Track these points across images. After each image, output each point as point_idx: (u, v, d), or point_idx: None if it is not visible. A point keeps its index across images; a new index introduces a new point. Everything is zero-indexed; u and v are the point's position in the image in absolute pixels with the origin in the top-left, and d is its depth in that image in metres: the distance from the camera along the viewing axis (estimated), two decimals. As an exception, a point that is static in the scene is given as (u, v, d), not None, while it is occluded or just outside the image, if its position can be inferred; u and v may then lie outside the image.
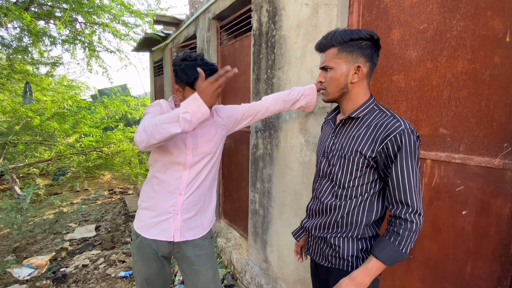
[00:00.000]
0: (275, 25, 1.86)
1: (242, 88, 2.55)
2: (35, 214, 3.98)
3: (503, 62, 0.97)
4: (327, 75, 0.97)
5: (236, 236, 2.78)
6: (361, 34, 0.91)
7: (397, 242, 0.85)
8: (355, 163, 0.92)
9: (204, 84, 0.99)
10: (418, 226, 0.84)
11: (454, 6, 1.07)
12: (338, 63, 0.94)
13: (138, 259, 1.34)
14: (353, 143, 0.94)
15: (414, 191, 0.85)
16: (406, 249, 0.84)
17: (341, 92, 0.97)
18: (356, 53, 0.92)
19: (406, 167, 0.84)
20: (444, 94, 1.12)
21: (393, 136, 0.85)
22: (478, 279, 1.07)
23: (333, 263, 1.00)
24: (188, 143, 1.27)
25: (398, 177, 0.85)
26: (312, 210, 1.09)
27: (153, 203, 1.30)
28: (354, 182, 0.94)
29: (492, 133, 1.01)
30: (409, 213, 0.85)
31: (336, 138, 1.01)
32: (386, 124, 0.88)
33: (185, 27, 3.57)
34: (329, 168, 1.01)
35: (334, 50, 0.94)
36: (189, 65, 1.18)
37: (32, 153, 5.58)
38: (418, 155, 0.87)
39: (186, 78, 1.18)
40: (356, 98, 0.97)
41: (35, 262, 2.90)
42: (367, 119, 0.94)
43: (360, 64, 0.92)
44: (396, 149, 0.85)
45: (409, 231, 0.84)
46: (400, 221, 0.86)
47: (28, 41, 4.42)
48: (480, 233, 1.06)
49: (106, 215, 4.53)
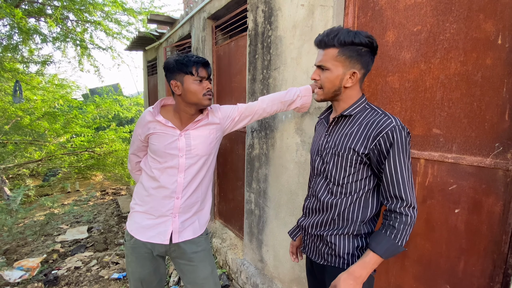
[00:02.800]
0: (271, 26, 1.87)
1: (237, 88, 2.55)
2: (25, 215, 3.91)
3: (494, 64, 0.99)
4: (322, 75, 0.98)
5: (232, 236, 2.78)
6: (362, 39, 0.90)
7: (393, 236, 0.87)
8: (348, 160, 0.94)
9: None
10: (412, 219, 0.87)
11: (447, 9, 1.10)
12: (336, 66, 0.94)
13: (132, 259, 1.32)
14: (346, 141, 0.96)
15: (407, 185, 0.87)
16: (401, 241, 0.87)
17: (334, 93, 0.99)
18: (354, 59, 0.93)
19: (398, 163, 0.87)
20: (437, 95, 1.14)
21: (385, 133, 0.87)
22: (471, 276, 1.10)
23: (329, 261, 1.01)
24: (181, 146, 1.26)
25: (392, 173, 0.88)
26: (308, 209, 1.10)
27: (150, 207, 1.29)
28: (348, 179, 0.96)
29: (484, 133, 1.03)
30: (403, 206, 0.87)
31: (330, 136, 1.03)
32: (377, 122, 0.90)
33: (180, 26, 3.55)
34: (323, 165, 1.03)
35: (334, 51, 0.93)
36: (183, 57, 1.23)
37: (22, 153, 5.46)
38: (409, 150, 0.89)
39: (184, 68, 1.21)
40: (348, 99, 0.99)
41: (26, 264, 2.84)
42: (359, 117, 0.96)
43: (356, 70, 0.94)
44: (388, 145, 0.87)
45: (404, 224, 0.86)
46: (395, 214, 0.88)
47: (18, 39, 4.32)
48: (473, 231, 1.08)
49: (99, 216, 4.47)
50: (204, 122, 1.31)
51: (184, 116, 1.29)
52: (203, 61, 1.24)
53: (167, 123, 1.26)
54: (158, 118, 1.26)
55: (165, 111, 1.33)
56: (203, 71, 1.23)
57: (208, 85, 1.26)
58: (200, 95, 1.23)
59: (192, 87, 1.22)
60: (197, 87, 1.22)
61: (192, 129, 1.29)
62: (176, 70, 1.22)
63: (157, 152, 1.27)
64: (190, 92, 1.23)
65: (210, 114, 1.35)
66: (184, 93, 1.24)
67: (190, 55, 1.24)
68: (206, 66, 1.25)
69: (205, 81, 1.25)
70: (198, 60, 1.22)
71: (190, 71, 1.21)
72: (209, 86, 1.26)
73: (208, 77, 1.26)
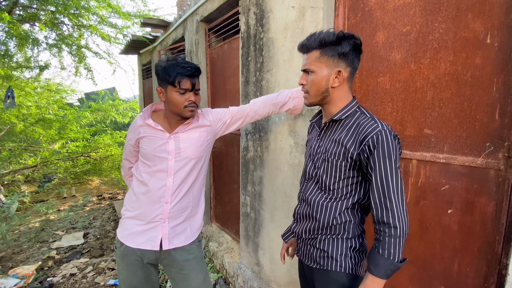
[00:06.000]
0: (262, 28, 1.86)
1: (231, 90, 2.54)
2: (20, 222, 3.87)
3: (484, 63, 0.99)
4: (309, 78, 0.97)
5: (228, 239, 2.76)
6: (342, 37, 0.90)
7: (386, 253, 0.83)
8: (338, 166, 0.94)
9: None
10: (402, 230, 0.83)
11: (436, 9, 1.09)
12: (319, 67, 0.94)
13: (123, 267, 1.30)
14: (335, 146, 0.95)
15: (395, 195, 0.83)
16: (397, 257, 0.83)
17: (322, 96, 0.97)
18: (337, 58, 0.92)
19: (384, 169, 0.84)
20: (428, 95, 1.14)
21: (370, 137, 0.86)
22: (465, 276, 1.09)
23: (321, 264, 1.00)
24: (170, 148, 1.24)
25: (377, 180, 0.85)
26: (299, 214, 1.09)
27: (139, 212, 1.27)
28: (339, 184, 0.95)
29: (474, 133, 1.03)
30: (391, 218, 0.84)
31: (321, 141, 1.02)
32: (364, 126, 0.89)
33: (173, 30, 3.55)
34: (314, 170, 1.03)
35: (316, 53, 0.94)
36: (170, 64, 1.17)
37: (16, 160, 5.42)
38: (397, 154, 0.86)
39: (167, 77, 1.17)
40: (338, 101, 0.98)
41: (21, 272, 2.81)
42: (349, 122, 0.95)
43: (341, 68, 0.93)
44: (373, 149, 0.85)
45: (395, 238, 0.83)
46: (383, 227, 0.85)
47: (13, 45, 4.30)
48: (466, 231, 1.08)
49: (95, 221, 4.43)
50: (194, 124, 1.30)
51: (173, 120, 1.28)
52: (189, 72, 1.17)
53: (156, 126, 1.25)
54: (148, 122, 1.25)
55: (156, 116, 1.32)
56: (186, 83, 1.17)
57: (191, 97, 1.20)
58: (181, 106, 1.19)
59: (173, 97, 1.19)
60: (178, 99, 1.18)
61: (181, 132, 1.27)
62: (160, 75, 1.20)
63: (146, 155, 1.25)
64: (171, 102, 1.20)
65: (201, 117, 1.35)
66: (167, 101, 1.22)
67: (180, 62, 1.19)
68: (192, 77, 1.18)
69: (188, 93, 1.19)
70: (182, 72, 1.15)
71: (172, 82, 1.17)
72: (191, 98, 1.19)
73: (192, 89, 1.20)
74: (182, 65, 1.16)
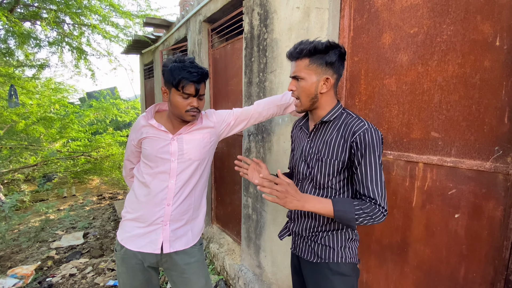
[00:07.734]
0: (266, 28, 1.85)
1: (234, 91, 2.53)
2: (20, 221, 3.86)
3: (493, 66, 0.98)
4: (298, 85, 1.03)
5: (229, 241, 2.74)
6: (329, 47, 0.97)
7: (355, 207, 0.91)
8: (331, 165, 1.00)
9: None
10: (380, 212, 0.91)
11: (444, 11, 1.08)
12: (309, 74, 1.00)
13: (123, 271, 1.28)
14: (327, 146, 1.02)
15: (376, 186, 0.92)
16: (357, 217, 0.90)
17: (312, 101, 1.03)
18: (325, 66, 0.99)
19: (369, 163, 0.92)
20: (435, 98, 1.12)
21: (357, 135, 0.94)
22: (472, 282, 1.07)
23: (322, 258, 1.05)
24: (173, 150, 1.22)
25: (363, 173, 0.93)
26: (297, 214, 1.13)
27: (140, 214, 1.25)
28: (332, 182, 1.02)
29: (483, 136, 1.01)
30: (376, 203, 0.93)
31: (313, 142, 1.08)
32: (351, 125, 0.97)
33: (176, 30, 3.54)
34: (308, 170, 1.08)
35: (305, 61, 0.99)
36: (177, 66, 1.14)
37: (17, 159, 5.40)
38: (381, 150, 0.94)
39: (171, 80, 1.14)
40: (325, 105, 1.05)
41: (20, 272, 2.79)
42: (337, 123, 1.02)
43: (328, 76, 1.00)
44: (361, 146, 0.93)
45: (371, 210, 0.91)
46: (370, 200, 0.93)
47: (14, 44, 4.29)
48: (473, 236, 1.06)
49: (95, 221, 4.41)
50: (197, 126, 1.29)
51: (176, 121, 1.26)
52: (194, 78, 1.12)
53: (159, 127, 1.23)
54: (151, 122, 1.24)
55: (160, 116, 1.31)
56: (191, 88, 1.14)
57: (194, 102, 1.17)
58: (182, 110, 1.17)
59: (176, 100, 1.16)
60: (181, 102, 1.16)
61: (185, 133, 1.26)
62: (165, 76, 1.18)
63: (149, 156, 1.23)
64: (174, 105, 1.18)
65: (204, 118, 1.33)
66: (170, 102, 1.21)
67: (187, 65, 1.14)
68: (198, 83, 1.15)
69: (192, 98, 1.16)
70: (188, 77, 1.11)
71: (176, 86, 1.14)
72: (194, 104, 1.17)
73: (196, 94, 1.17)
74: (189, 69, 1.12)
